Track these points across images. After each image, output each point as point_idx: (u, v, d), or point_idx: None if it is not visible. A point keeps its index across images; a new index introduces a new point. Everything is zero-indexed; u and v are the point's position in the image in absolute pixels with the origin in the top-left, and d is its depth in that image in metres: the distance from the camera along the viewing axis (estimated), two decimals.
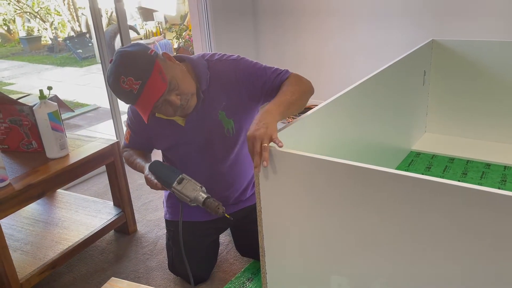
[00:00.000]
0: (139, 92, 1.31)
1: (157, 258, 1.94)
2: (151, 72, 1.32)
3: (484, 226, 0.95)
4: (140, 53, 1.34)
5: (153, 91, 1.32)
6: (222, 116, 1.53)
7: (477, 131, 2.71)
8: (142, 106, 1.35)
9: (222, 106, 1.52)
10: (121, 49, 1.37)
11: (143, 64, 1.32)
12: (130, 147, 1.72)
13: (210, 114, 1.52)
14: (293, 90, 1.37)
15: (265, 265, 1.38)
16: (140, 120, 1.59)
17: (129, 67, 1.31)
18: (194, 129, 1.54)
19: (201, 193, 1.40)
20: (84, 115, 4.66)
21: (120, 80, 1.32)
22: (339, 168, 1.11)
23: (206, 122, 1.53)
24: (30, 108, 1.80)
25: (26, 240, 1.88)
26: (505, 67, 2.50)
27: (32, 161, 1.79)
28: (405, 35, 3.25)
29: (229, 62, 1.51)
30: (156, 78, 1.32)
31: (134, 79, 1.30)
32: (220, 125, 1.53)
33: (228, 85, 1.50)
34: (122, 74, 1.31)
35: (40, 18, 8.68)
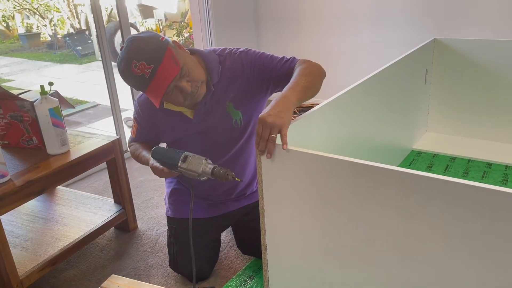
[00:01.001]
0: (151, 76, 1.31)
1: (158, 255, 1.93)
2: (163, 56, 1.31)
3: (488, 224, 0.94)
4: (152, 39, 1.34)
5: (166, 75, 1.32)
6: (230, 108, 1.53)
7: (479, 131, 2.71)
8: (153, 91, 1.34)
9: (230, 98, 1.52)
10: (133, 36, 1.36)
11: (156, 48, 1.32)
12: (136, 141, 1.71)
13: (219, 106, 1.52)
14: (306, 73, 1.34)
15: (267, 263, 1.38)
16: (147, 113, 1.59)
17: (142, 52, 1.31)
18: (202, 121, 1.54)
19: (208, 164, 1.38)
20: (84, 112, 4.65)
21: (132, 65, 1.31)
22: (343, 165, 1.10)
23: (214, 114, 1.53)
24: (31, 104, 1.79)
25: (26, 236, 1.87)
26: (507, 67, 2.50)
27: (33, 157, 1.78)
28: (407, 35, 3.25)
29: (238, 55, 1.52)
30: (169, 62, 1.32)
31: (147, 63, 1.30)
32: (228, 116, 1.54)
33: (236, 77, 1.51)
34: (134, 59, 1.30)
35: (40, 14, 8.65)
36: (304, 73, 1.34)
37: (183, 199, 1.75)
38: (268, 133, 1.13)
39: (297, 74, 1.35)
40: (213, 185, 1.67)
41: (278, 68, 1.48)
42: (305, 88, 1.28)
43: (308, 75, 1.33)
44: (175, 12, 7.31)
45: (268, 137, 1.14)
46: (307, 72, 1.35)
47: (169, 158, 1.42)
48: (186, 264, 1.72)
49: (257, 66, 1.50)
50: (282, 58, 1.50)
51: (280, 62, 1.49)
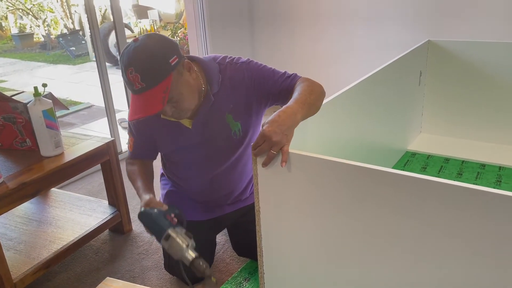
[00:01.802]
0: (138, 91, 1.29)
1: (153, 257, 1.92)
2: (158, 83, 1.27)
3: (482, 225, 0.95)
4: (161, 56, 1.28)
5: (148, 103, 1.28)
6: (230, 119, 1.51)
7: (472, 132, 2.72)
8: (134, 105, 1.31)
9: (230, 109, 1.50)
10: (149, 38, 1.31)
11: (157, 69, 1.27)
12: (135, 157, 1.66)
13: (218, 117, 1.50)
14: (311, 91, 1.34)
15: (262, 265, 1.37)
16: (143, 124, 1.55)
17: (142, 64, 1.26)
18: (201, 131, 1.52)
19: (189, 251, 1.32)
20: (78, 113, 4.63)
21: (128, 70, 1.27)
22: (339, 167, 1.10)
23: (213, 125, 1.51)
24: (24, 106, 1.78)
25: (19, 239, 1.86)
26: (500, 68, 2.51)
27: (26, 159, 1.77)
28: (401, 36, 3.26)
29: (239, 65, 1.49)
30: (157, 94, 1.27)
31: (140, 79, 1.26)
32: (227, 127, 1.52)
33: (236, 88, 1.48)
34: (133, 66, 1.27)
35: (33, 15, 8.60)
36: (310, 90, 1.34)
37: (177, 201, 1.73)
38: (269, 149, 1.13)
39: (303, 90, 1.33)
40: (210, 191, 1.66)
41: (279, 83, 1.45)
42: (310, 105, 1.29)
43: (313, 93, 1.33)
44: (173, 13, 7.30)
45: (268, 152, 1.14)
46: (312, 90, 1.34)
47: (154, 228, 1.36)
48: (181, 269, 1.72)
49: (258, 79, 1.47)
50: (283, 73, 1.47)
51: (281, 77, 1.45)
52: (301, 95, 1.29)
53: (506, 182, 2.30)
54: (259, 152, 1.16)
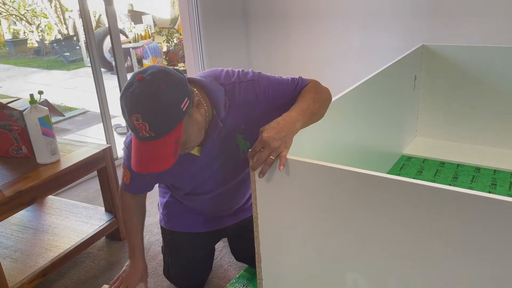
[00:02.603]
0: (145, 139, 1.14)
1: (150, 264, 1.91)
2: (168, 133, 1.13)
3: (478, 230, 0.96)
4: (172, 104, 1.12)
5: (157, 155, 1.15)
6: (239, 139, 1.41)
7: (467, 135, 2.74)
8: (139, 152, 1.17)
9: (241, 129, 1.39)
10: (156, 79, 1.12)
11: (167, 121, 1.13)
12: (131, 192, 1.55)
13: (228, 141, 1.39)
14: (315, 99, 1.29)
15: (261, 272, 1.37)
16: None
17: (151, 114, 1.11)
18: (210, 157, 1.42)
19: None
20: (73, 119, 4.61)
21: (133, 116, 1.11)
22: (336, 173, 1.10)
23: (223, 149, 1.41)
24: (20, 113, 1.77)
25: (15, 247, 1.84)
26: (494, 72, 2.54)
27: (22, 167, 1.76)
28: (395, 41, 3.28)
29: (247, 84, 1.35)
30: (168, 145, 1.14)
31: (149, 128, 1.11)
32: (236, 148, 1.43)
33: (248, 110, 1.36)
34: (140, 114, 1.10)
35: (26, 20, 8.57)
36: (314, 99, 1.30)
37: (177, 213, 1.68)
38: (268, 155, 1.11)
39: (307, 99, 1.29)
40: (212, 207, 1.62)
41: (292, 93, 1.37)
42: (312, 114, 1.27)
43: (317, 102, 1.30)
44: (167, 18, 7.30)
45: (266, 159, 1.11)
46: (316, 98, 1.31)
47: None
48: (180, 277, 1.71)
49: (271, 94, 1.36)
50: (292, 81, 1.39)
51: (292, 86, 1.37)
52: (303, 104, 1.27)
53: (501, 185, 2.31)
54: (258, 160, 1.13)
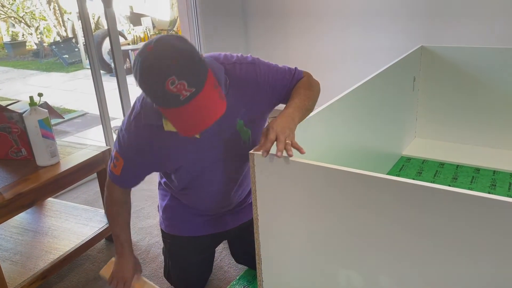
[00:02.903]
0: (186, 101, 1.09)
1: (150, 266, 1.91)
2: (205, 82, 1.11)
3: (477, 230, 0.96)
4: (193, 51, 1.12)
5: (206, 108, 1.12)
6: (240, 126, 1.38)
7: (466, 136, 2.74)
8: (182, 116, 1.13)
9: (241, 114, 1.37)
10: (165, 39, 1.11)
11: (199, 69, 1.11)
12: (120, 184, 1.46)
13: (228, 124, 1.35)
14: (309, 95, 1.34)
15: (261, 273, 1.37)
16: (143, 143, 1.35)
17: (184, 69, 1.08)
18: (210, 142, 1.37)
19: None
20: (72, 121, 4.60)
21: (167, 81, 1.07)
22: (335, 174, 1.10)
23: (223, 133, 1.37)
24: (20, 115, 1.77)
25: (15, 250, 1.84)
26: (493, 73, 2.54)
27: (22, 169, 1.76)
28: (394, 42, 3.29)
29: (248, 66, 1.35)
30: (211, 93, 1.12)
31: (187, 85, 1.08)
32: (237, 136, 1.39)
33: (248, 91, 1.35)
34: (174, 75, 1.06)
35: (25, 23, 8.57)
36: (307, 94, 1.35)
37: (177, 216, 1.64)
38: (284, 141, 1.14)
39: (302, 94, 1.33)
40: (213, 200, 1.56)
41: (289, 84, 1.39)
42: (306, 110, 1.33)
43: (310, 99, 1.34)
44: (166, 20, 7.30)
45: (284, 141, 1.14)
46: (309, 95, 1.35)
47: None
48: (180, 280, 1.70)
49: (272, 82, 1.37)
50: (289, 71, 1.41)
51: (289, 76, 1.40)
52: (300, 100, 1.31)
53: (500, 186, 2.31)
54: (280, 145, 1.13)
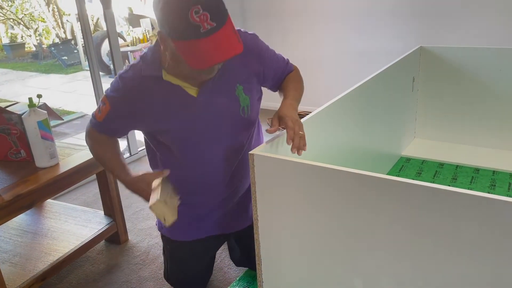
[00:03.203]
0: (207, 34, 1.08)
1: (150, 267, 1.91)
2: (225, 21, 1.11)
3: (477, 229, 0.96)
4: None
5: (225, 45, 1.11)
6: (240, 91, 1.36)
7: (466, 137, 2.74)
8: (197, 50, 1.11)
9: (241, 79, 1.37)
10: None
11: (222, 7, 1.11)
12: (102, 131, 1.40)
13: (228, 86, 1.34)
14: (301, 88, 1.47)
15: (261, 274, 1.37)
16: (134, 93, 1.29)
17: (211, 1, 1.09)
18: (207, 103, 1.32)
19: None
20: (71, 122, 4.59)
21: (192, 9, 1.06)
22: (335, 174, 1.10)
23: (222, 96, 1.34)
24: (19, 117, 1.76)
25: (14, 251, 1.84)
26: (492, 73, 2.54)
27: (21, 171, 1.75)
28: (393, 43, 3.29)
29: (251, 36, 1.39)
30: (230, 34, 1.12)
31: (210, 18, 1.07)
32: (236, 101, 1.36)
33: (250, 61, 1.37)
34: (199, 4, 1.06)
35: (24, 24, 8.57)
36: (300, 87, 1.47)
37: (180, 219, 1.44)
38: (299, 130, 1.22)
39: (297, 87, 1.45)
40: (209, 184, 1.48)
41: (282, 68, 1.47)
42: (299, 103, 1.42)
43: (302, 91, 1.47)
44: None
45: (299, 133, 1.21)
46: (301, 87, 1.48)
47: None
48: (181, 282, 1.67)
49: (269, 58, 1.42)
50: (283, 60, 1.49)
51: (283, 64, 1.49)
52: (296, 93, 1.42)
53: (500, 186, 2.31)
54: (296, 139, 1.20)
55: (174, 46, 1.15)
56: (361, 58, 3.46)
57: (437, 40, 3.11)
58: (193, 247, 1.60)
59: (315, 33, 3.61)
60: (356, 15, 3.39)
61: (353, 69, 3.51)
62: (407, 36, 3.22)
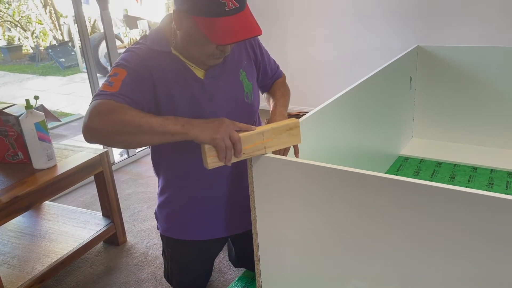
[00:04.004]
0: (229, 12, 1.11)
1: (149, 268, 1.91)
2: (246, 5, 1.17)
3: (476, 228, 0.96)
4: None
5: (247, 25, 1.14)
6: (243, 77, 1.40)
7: (463, 135, 2.75)
8: (219, 26, 1.12)
9: (244, 65, 1.41)
10: None
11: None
12: (119, 99, 1.13)
13: (233, 71, 1.38)
14: (288, 95, 1.54)
15: (260, 274, 1.37)
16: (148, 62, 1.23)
17: None
18: (214, 86, 1.33)
19: None
20: (69, 124, 4.59)
21: None
22: (333, 174, 1.10)
23: (228, 80, 1.36)
24: (16, 118, 1.76)
25: (12, 253, 1.83)
26: (489, 72, 2.55)
27: (19, 173, 1.75)
28: (390, 41, 3.30)
29: None
30: (250, 17, 1.17)
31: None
32: (240, 86, 1.39)
33: (250, 48, 1.45)
34: None
35: (21, 27, 8.55)
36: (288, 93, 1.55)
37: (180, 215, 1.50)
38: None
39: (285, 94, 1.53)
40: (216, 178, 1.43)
41: (272, 74, 1.55)
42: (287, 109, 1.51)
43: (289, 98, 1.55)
44: None
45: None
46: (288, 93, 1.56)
47: None
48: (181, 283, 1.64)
49: (265, 54, 1.51)
50: (275, 64, 1.59)
51: (275, 67, 1.58)
52: (285, 100, 1.50)
53: (498, 185, 2.32)
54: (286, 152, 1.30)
55: (197, 22, 1.14)
56: (358, 58, 3.47)
57: (434, 39, 3.12)
58: (200, 248, 1.56)
59: (312, 33, 3.61)
60: (352, 15, 3.39)
61: (350, 69, 3.52)
62: (404, 36, 3.23)
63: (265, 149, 1.18)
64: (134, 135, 1.10)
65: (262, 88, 1.60)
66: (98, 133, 1.10)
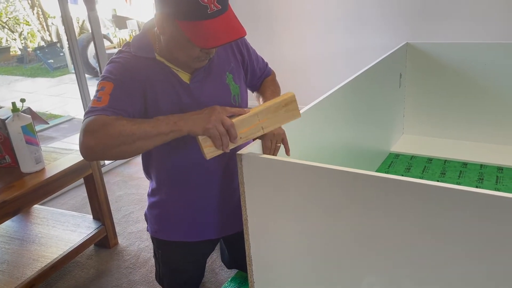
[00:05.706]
0: (212, 15, 1.11)
1: (140, 271, 1.89)
2: (228, 7, 1.15)
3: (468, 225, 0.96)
4: None
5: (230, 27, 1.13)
6: (230, 80, 1.38)
7: (453, 132, 2.77)
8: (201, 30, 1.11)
9: (230, 68, 1.39)
10: None
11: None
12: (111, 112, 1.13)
13: (219, 74, 1.36)
14: (278, 93, 1.51)
15: (252, 275, 1.36)
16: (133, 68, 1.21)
17: None
18: (199, 89, 1.31)
19: None
20: (58, 126, 4.55)
21: None
22: (324, 173, 1.10)
23: (213, 83, 1.34)
24: (2, 122, 1.74)
25: (2, 258, 1.81)
26: (477, 68, 2.56)
27: (6, 177, 1.73)
28: (380, 38, 3.30)
29: None
30: (233, 18, 1.15)
31: (217, 0, 1.11)
32: (227, 89, 1.37)
33: (236, 47, 1.43)
34: None
35: (9, 28, 8.45)
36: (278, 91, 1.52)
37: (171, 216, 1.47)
38: (275, 143, 1.28)
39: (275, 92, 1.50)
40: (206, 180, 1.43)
41: (261, 73, 1.54)
42: None
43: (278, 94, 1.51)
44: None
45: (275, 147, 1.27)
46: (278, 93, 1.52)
47: None
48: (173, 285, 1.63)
49: (253, 54, 1.49)
50: (263, 62, 1.56)
51: (263, 66, 1.55)
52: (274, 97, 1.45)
53: (488, 180, 2.33)
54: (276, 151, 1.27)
55: (179, 26, 1.13)
56: (348, 56, 3.47)
57: (423, 36, 3.13)
58: (191, 249, 1.53)
59: (302, 32, 3.61)
60: (342, 13, 3.39)
61: (340, 67, 3.52)
62: (393, 33, 3.24)
63: (262, 129, 1.18)
64: (130, 144, 1.10)
65: (252, 88, 1.57)
66: (95, 151, 1.10)
